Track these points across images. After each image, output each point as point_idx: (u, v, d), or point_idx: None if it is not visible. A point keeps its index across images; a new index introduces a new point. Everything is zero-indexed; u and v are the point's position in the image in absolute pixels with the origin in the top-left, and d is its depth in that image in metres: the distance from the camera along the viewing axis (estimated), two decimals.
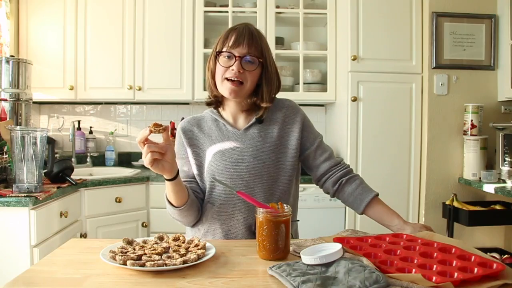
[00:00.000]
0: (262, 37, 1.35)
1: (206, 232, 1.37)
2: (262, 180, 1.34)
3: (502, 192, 2.32)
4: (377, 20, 2.71)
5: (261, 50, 1.32)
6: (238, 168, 1.33)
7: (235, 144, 1.36)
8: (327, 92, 2.98)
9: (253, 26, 1.35)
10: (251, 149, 1.35)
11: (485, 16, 2.70)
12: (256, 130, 1.38)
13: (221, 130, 1.39)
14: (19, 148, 1.90)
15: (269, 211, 1.07)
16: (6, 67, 2.39)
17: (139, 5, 2.91)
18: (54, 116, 3.21)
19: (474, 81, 2.71)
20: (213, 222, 1.36)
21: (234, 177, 1.33)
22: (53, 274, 0.95)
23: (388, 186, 2.73)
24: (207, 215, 1.36)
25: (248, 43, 1.29)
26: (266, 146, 1.36)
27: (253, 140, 1.37)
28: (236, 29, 1.33)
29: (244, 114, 1.40)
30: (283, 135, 1.40)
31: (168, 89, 2.96)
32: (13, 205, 1.86)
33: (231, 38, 1.31)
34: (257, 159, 1.34)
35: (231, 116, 1.41)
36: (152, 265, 0.94)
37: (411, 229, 1.24)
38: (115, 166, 3.11)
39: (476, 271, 0.90)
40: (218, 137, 1.38)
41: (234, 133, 1.38)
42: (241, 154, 1.35)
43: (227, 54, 1.31)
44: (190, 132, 1.40)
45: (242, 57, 1.29)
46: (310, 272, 0.91)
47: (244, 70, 1.30)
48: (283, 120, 1.42)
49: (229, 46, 1.30)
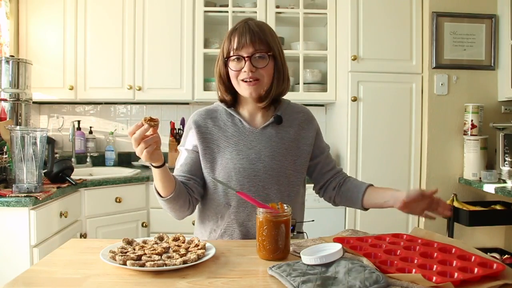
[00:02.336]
0: (264, 29, 1.32)
1: (223, 233, 1.34)
2: (279, 181, 1.33)
3: (502, 192, 2.31)
4: (377, 20, 2.71)
5: (267, 43, 1.30)
6: (255, 168, 1.32)
7: (252, 142, 1.35)
8: (327, 92, 2.98)
9: (253, 21, 1.33)
10: (269, 149, 1.34)
11: (485, 16, 2.70)
12: (273, 130, 1.37)
13: (237, 126, 1.37)
14: (19, 148, 1.89)
15: (269, 211, 1.07)
16: (6, 67, 2.39)
17: (139, 5, 2.91)
18: (54, 116, 3.21)
19: (474, 81, 2.71)
20: (231, 223, 1.33)
21: (252, 177, 1.31)
22: (53, 274, 0.95)
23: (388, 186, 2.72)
24: (224, 216, 1.34)
25: (252, 41, 1.27)
26: (282, 147, 1.36)
27: (270, 140, 1.36)
28: (237, 29, 1.31)
29: (261, 112, 1.39)
30: (298, 138, 1.40)
31: (168, 89, 2.96)
32: (13, 205, 1.86)
33: (234, 40, 1.29)
34: (274, 159, 1.33)
35: (247, 113, 1.39)
36: (152, 265, 0.94)
37: (406, 194, 1.23)
38: (115, 166, 3.11)
39: (476, 271, 0.90)
40: (234, 133, 1.35)
41: (251, 131, 1.36)
42: (259, 153, 1.33)
43: (235, 57, 1.29)
44: (204, 126, 1.37)
45: (251, 56, 1.28)
46: (310, 272, 0.91)
47: (256, 68, 1.29)
48: (299, 124, 1.42)
49: (235, 49, 1.29)
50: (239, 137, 1.35)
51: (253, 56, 1.28)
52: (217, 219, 1.36)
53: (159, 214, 2.67)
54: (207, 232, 1.38)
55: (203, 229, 1.41)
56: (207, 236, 1.38)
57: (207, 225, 1.39)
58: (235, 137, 1.35)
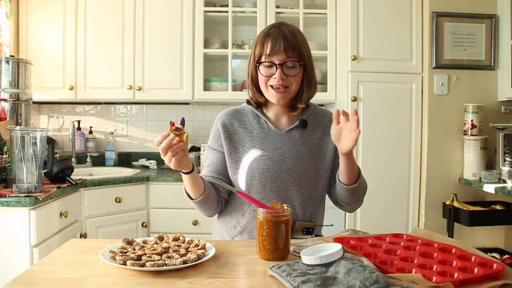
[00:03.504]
0: (297, 36, 1.32)
1: (243, 230, 1.37)
2: (301, 184, 1.34)
3: (502, 192, 2.31)
4: (377, 20, 2.71)
5: (299, 51, 1.30)
6: (278, 169, 1.33)
7: (277, 144, 1.36)
8: (327, 92, 2.97)
9: (286, 27, 1.33)
10: (292, 151, 1.35)
11: (485, 16, 2.70)
12: (298, 133, 1.39)
13: (262, 128, 1.39)
14: (19, 148, 1.89)
15: (269, 211, 1.07)
16: (6, 67, 2.39)
17: (139, 5, 2.91)
18: (54, 116, 3.21)
19: (474, 81, 2.71)
20: (251, 221, 1.35)
21: (274, 178, 1.33)
22: (53, 274, 0.95)
23: (388, 186, 2.73)
24: (245, 214, 1.36)
25: (285, 48, 1.27)
26: (306, 150, 1.37)
27: (295, 143, 1.37)
28: (270, 34, 1.30)
29: (287, 115, 1.41)
30: (322, 143, 1.40)
31: (168, 89, 2.96)
32: (13, 205, 1.86)
33: (267, 46, 1.29)
34: (297, 162, 1.34)
35: (274, 115, 1.41)
36: (152, 265, 0.94)
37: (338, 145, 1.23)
38: (115, 166, 3.11)
39: (476, 271, 0.90)
40: (259, 134, 1.37)
41: (276, 133, 1.38)
42: (282, 155, 1.35)
43: (267, 63, 1.30)
44: (230, 127, 1.39)
45: (283, 64, 1.28)
46: (310, 272, 0.91)
47: (287, 76, 1.29)
48: (324, 129, 1.42)
49: (267, 54, 1.29)
50: (264, 139, 1.37)
51: (284, 63, 1.28)
52: (238, 216, 1.38)
53: (159, 214, 2.67)
54: (228, 228, 1.41)
55: (223, 224, 1.43)
56: (227, 231, 1.41)
57: (229, 221, 1.41)
58: (261, 138, 1.37)
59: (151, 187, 2.68)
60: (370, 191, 2.78)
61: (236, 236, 1.38)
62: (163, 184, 2.68)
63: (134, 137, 3.31)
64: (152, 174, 2.76)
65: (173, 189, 2.66)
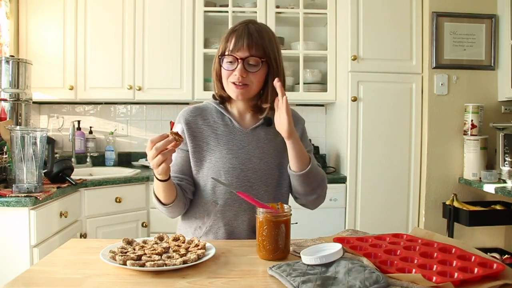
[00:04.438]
0: (264, 35, 1.30)
1: (208, 231, 1.34)
2: (267, 182, 1.34)
3: (502, 192, 2.31)
4: (377, 20, 2.71)
5: (263, 50, 1.28)
6: (245, 168, 1.32)
7: (242, 143, 1.35)
8: (327, 92, 2.98)
9: (253, 25, 1.32)
10: (258, 150, 1.35)
11: (485, 16, 2.70)
12: (263, 132, 1.38)
13: (227, 126, 1.37)
14: (19, 148, 1.89)
15: (269, 211, 1.07)
16: (6, 67, 2.39)
17: (139, 5, 2.91)
18: (54, 116, 3.21)
19: (474, 81, 2.71)
20: (217, 221, 1.33)
21: (241, 177, 1.32)
22: (53, 274, 0.95)
23: (388, 186, 2.73)
24: (210, 214, 1.34)
25: (248, 45, 1.26)
26: (271, 149, 1.36)
27: (260, 142, 1.36)
28: (236, 30, 1.30)
29: (251, 113, 1.39)
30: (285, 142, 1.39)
31: (168, 89, 2.96)
32: (13, 205, 1.86)
33: (231, 41, 1.28)
34: (263, 161, 1.33)
35: (237, 112, 1.40)
36: (152, 265, 0.94)
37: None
38: (115, 166, 3.11)
39: (476, 271, 0.90)
40: (224, 132, 1.36)
41: (241, 131, 1.36)
42: (248, 154, 1.34)
43: (229, 58, 1.29)
44: (194, 125, 1.37)
45: (244, 60, 1.27)
46: (310, 272, 0.91)
47: (247, 73, 1.28)
48: None
49: (230, 50, 1.28)
50: (229, 137, 1.35)
51: (246, 59, 1.27)
52: (203, 216, 1.35)
53: (159, 214, 2.65)
54: (192, 229, 1.38)
55: (187, 225, 1.40)
56: (191, 233, 1.38)
57: (193, 222, 1.38)
58: (225, 136, 1.35)
59: (151, 187, 2.67)
60: (370, 191, 2.80)
61: (201, 238, 1.34)
62: None
63: (134, 137, 3.31)
64: (152, 174, 2.75)
65: None
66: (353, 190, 2.70)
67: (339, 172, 2.88)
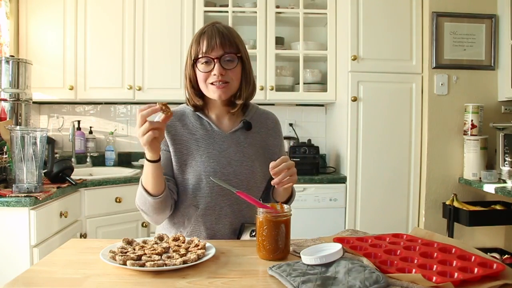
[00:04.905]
0: (233, 32, 1.32)
1: (190, 235, 1.33)
2: (248, 185, 1.33)
3: (502, 192, 2.31)
4: (377, 20, 2.71)
5: (236, 46, 1.29)
6: (226, 172, 1.31)
7: (222, 146, 1.34)
8: (327, 92, 2.98)
9: (221, 24, 1.32)
10: (238, 154, 1.34)
11: (485, 16, 2.70)
12: (242, 135, 1.37)
13: (206, 129, 1.36)
14: (19, 148, 1.89)
15: (269, 211, 1.07)
16: (6, 67, 2.39)
17: (139, 5, 2.91)
18: (54, 116, 3.21)
19: (474, 81, 2.71)
20: (198, 225, 1.32)
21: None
22: (53, 274, 0.95)
23: (388, 186, 2.73)
24: (191, 218, 1.32)
25: (221, 43, 1.26)
26: (251, 152, 1.36)
27: (239, 145, 1.35)
28: (205, 32, 1.29)
29: (229, 115, 1.39)
30: (265, 146, 1.40)
31: (168, 89, 2.96)
32: (13, 205, 1.86)
33: (203, 43, 1.27)
34: (243, 165, 1.33)
35: (215, 116, 1.39)
36: (152, 265, 0.94)
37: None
38: (115, 166, 3.11)
39: (476, 271, 0.90)
40: (203, 136, 1.35)
41: (220, 135, 1.35)
42: (228, 158, 1.33)
43: (204, 59, 1.28)
44: (173, 129, 1.35)
45: (220, 58, 1.27)
46: (310, 272, 0.91)
47: (225, 71, 1.27)
48: (267, 131, 1.42)
49: (204, 51, 1.27)
50: (209, 140, 1.34)
51: (222, 58, 1.27)
52: (184, 220, 1.34)
53: None
54: (173, 233, 1.35)
55: (168, 229, 1.39)
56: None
57: (173, 226, 1.37)
58: (205, 140, 1.34)
59: None
60: (370, 191, 2.80)
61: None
62: None
63: (134, 137, 3.30)
64: None
65: None
66: (353, 190, 2.70)
67: (339, 172, 2.88)
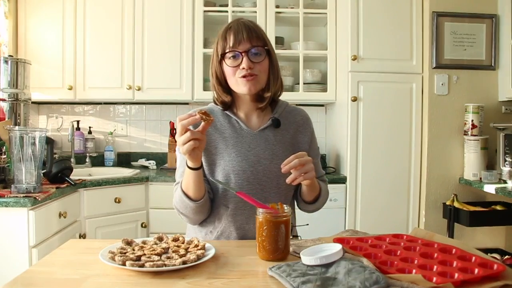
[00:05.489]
0: (258, 26, 1.33)
1: (220, 235, 1.33)
2: (278, 184, 1.32)
3: (502, 193, 2.31)
4: (378, 20, 2.71)
5: (263, 39, 1.30)
6: (254, 171, 1.31)
7: (251, 145, 1.33)
8: (327, 92, 2.97)
9: (246, 19, 1.33)
10: (267, 152, 1.33)
11: (485, 16, 2.69)
12: (271, 133, 1.36)
13: (234, 128, 1.35)
14: (18, 148, 1.89)
15: (269, 211, 1.07)
16: (4, 67, 2.39)
17: (138, 5, 2.91)
18: (53, 116, 3.20)
19: (475, 81, 2.71)
20: (228, 225, 1.32)
21: (251, 180, 1.30)
22: (52, 275, 0.95)
23: (388, 186, 2.72)
24: (221, 218, 1.32)
25: (248, 37, 1.27)
26: (281, 150, 1.35)
27: (269, 143, 1.34)
28: (231, 27, 1.30)
29: (257, 113, 1.38)
30: (294, 143, 1.39)
31: (168, 89, 2.95)
32: (12, 205, 1.85)
33: (230, 38, 1.28)
34: (273, 162, 1.32)
35: (244, 114, 1.38)
36: (151, 266, 0.94)
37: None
38: (114, 167, 3.11)
39: (477, 271, 0.90)
40: (232, 135, 1.34)
41: (248, 133, 1.35)
42: (258, 156, 1.32)
43: (232, 54, 1.27)
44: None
45: (248, 52, 1.27)
46: (310, 272, 0.91)
47: (254, 64, 1.27)
48: (297, 128, 1.41)
49: (231, 46, 1.27)
50: (238, 139, 1.34)
51: (249, 51, 1.27)
52: (214, 220, 1.34)
53: (158, 214, 2.66)
54: (203, 233, 1.37)
55: (198, 230, 1.39)
56: (202, 237, 1.36)
57: (204, 226, 1.37)
58: (234, 139, 1.33)
59: (151, 188, 2.68)
60: (370, 191, 2.80)
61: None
62: (162, 184, 2.67)
63: (133, 137, 3.30)
64: (151, 174, 2.76)
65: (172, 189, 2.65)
66: (353, 190, 2.70)
67: (339, 172, 2.88)
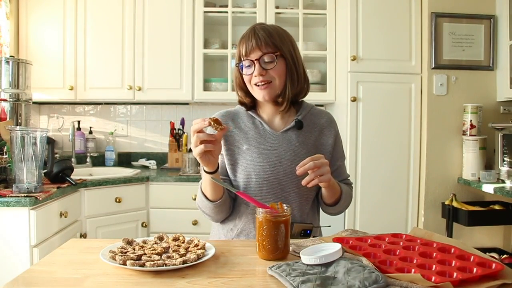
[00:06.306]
0: (271, 32, 1.33)
1: (240, 233, 1.36)
2: (299, 185, 1.32)
3: (501, 192, 2.32)
4: (377, 21, 2.71)
5: (274, 44, 1.30)
6: (275, 171, 1.33)
7: (273, 145, 1.36)
8: (326, 92, 2.98)
9: (260, 26, 1.34)
10: (289, 152, 1.35)
11: (484, 17, 2.70)
12: (294, 134, 1.38)
13: (257, 129, 1.38)
14: (19, 148, 1.90)
15: (268, 211, 1.07)
16: (6, 68, 2.39)
17: (139, 5, 2.91)
18: (54, 116, 3.21)
19: (473, 81, 2.71)
20: (248, 223, 1.34)
21: (271, 180, 1.32)
22: (53, 274, 0.95)
23: (387, 186, 2.73)
24: (241, 216, 1.35)
25: (258, 45, 1.29)
26: (303, 151, 1.36)
27: (291, 144, 1.36)
28: (244, 37, 1.33)
29: (280, 115, 1.40)
30: (318, 145, 1.40)
31: (168, 89, 2.96)
32: (13, 205, 1.86)
33: (242, 47, 1.32)
34: (294, 163, 1.31)
35: (267, 116, 1.41)
36: (152, 265, 0.94)
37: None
38: (115, 166, 3.11)
39: (475, 271, 0.90)
40: (255, 135, 1.37)
41: (271, 134, 1.37)
42: (279, 156, 1.34)
43: (246, 63, 1.32)
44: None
45: (260, 59, 1.29)
46: (310, 272, 0.91)
47: (266, 71, 1.30)
48: (321, 131, 1.42)
49: (243, 55, 1.32)
50: (260, 139, 1.36)
51: (261, 59, 1.29)
52: (235, 218, 1.37)
53: (159, 214, 2.67)
54: (225, 231, 1.40)
55: (220, 227, 1.42)
56: (224, 234, 1.40)
57: (225, 224, 1.40)
58: (256, 139, 1.36)
59: (151, 187, 2.69)
60: (370, 191, 2.80)
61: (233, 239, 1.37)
62: (163, 184, 2.68)
63: (134, 137, 3.31)
64: (152, 174, 2.76)
65: (173, 189, 2.67)
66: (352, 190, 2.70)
67: None
